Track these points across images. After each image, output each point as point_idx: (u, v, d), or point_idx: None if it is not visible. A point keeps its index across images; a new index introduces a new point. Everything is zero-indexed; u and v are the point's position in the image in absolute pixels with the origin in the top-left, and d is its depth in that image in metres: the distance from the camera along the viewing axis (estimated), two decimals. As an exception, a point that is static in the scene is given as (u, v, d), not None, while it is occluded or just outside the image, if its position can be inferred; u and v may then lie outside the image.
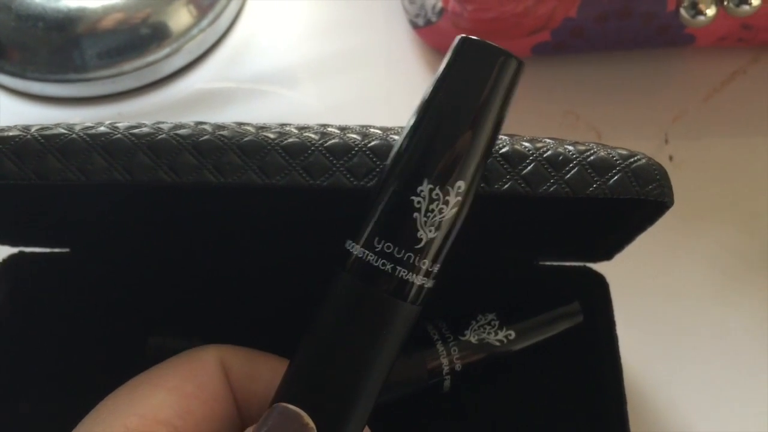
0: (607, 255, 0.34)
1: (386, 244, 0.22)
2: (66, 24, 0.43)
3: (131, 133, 0.25)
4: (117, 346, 0.34)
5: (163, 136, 0.25)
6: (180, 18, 0.45)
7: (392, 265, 0.22)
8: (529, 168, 0.25)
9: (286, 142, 0.25)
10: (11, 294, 0.35)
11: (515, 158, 0.25)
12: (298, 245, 0.33)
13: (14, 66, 0.44)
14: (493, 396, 0.35)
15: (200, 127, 0.25)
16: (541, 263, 0.36)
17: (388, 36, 0.50)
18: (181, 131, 0.25)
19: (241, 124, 0.26)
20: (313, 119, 0.44)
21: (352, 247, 0.23)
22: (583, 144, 0.26)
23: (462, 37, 0.23)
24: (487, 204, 0.26)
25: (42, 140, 0.24)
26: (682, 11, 0.37)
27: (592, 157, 0.26)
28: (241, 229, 0.33)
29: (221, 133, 0.25)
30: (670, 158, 0.44)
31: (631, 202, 0.26)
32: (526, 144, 0.26)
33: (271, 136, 0.25)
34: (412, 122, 0.23)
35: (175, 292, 0.35)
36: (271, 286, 0.35)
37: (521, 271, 0.36)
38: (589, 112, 0.45)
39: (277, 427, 0.22)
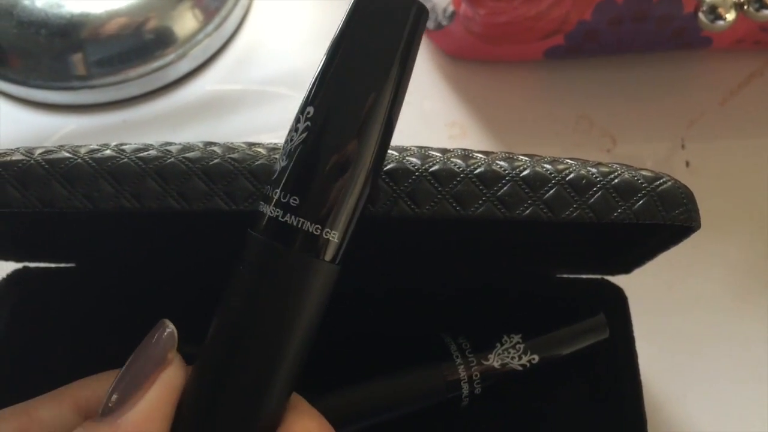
0: (626, 269, 0.33)
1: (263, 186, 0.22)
2: (69, 30, 0.42)
3: (138, 157, 0.24)
4: (122, 360, 0.33)
5: (172, 160, 0.24)
6: (185, 23, 0.44)
7: (258, 200, 0.22)
8: (551, 192, 0.25)
9: None
10: (15, 309, 0.34)
11: (536, 182, 0.25)
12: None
13: (16, 73, 0.43)
14: (509, 412, 0.34)
15: (210, 149, 0.24)
16: (557, 276, 0.36)
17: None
18: (190, 154, 0.24)
19: (251, 144, 0.25)
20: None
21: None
22: (606, 165, 0.25)
23: None
24: (507, 224, 0.25)
25: (46, 165, 0.24)
26: (701, 16, 0.36)
27: (616, 180, 0.25)
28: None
29: (231, 156, 0.24)
30: (687, 164, 0.43)
31: (656, 225, 0.25)
32: (548, 166, 0.25)
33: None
34: None
35: (182, 306, 0.34)
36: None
37: (538, 284, 0.36)
38: (603, 117, 0.44)
39: (151, 336, 0.24)
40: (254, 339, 0.22)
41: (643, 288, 0.36)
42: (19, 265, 0.35)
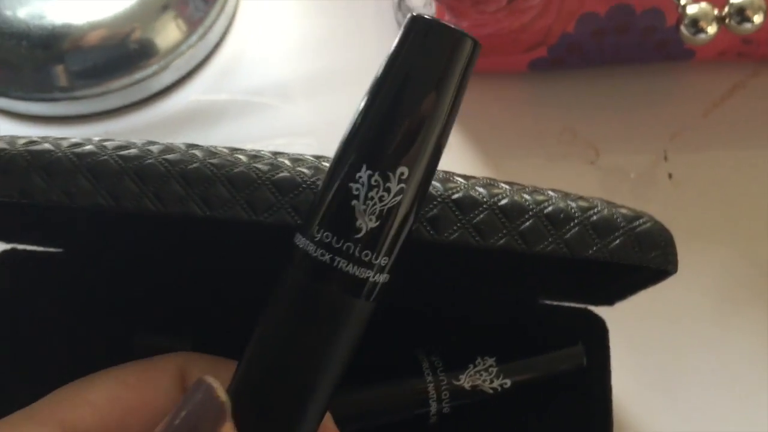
0: (608, 301, 0.33)
1: (325, 234, 0.21)
2: (51, 41, 0.42)
3: (119, 155, 0.24)
4: (108, 345, 0.33)
5: (151, 161, 0.24)
6: (168, 34, 0.44)
7: (331, 256, 0.21)
8: (527, 224, 0.25)
9: (277, 176, 0.24)
10: (2, 288, 0.35)
11: (514, 212, 0.25)
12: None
13: (-2, 85, 0.43)
14: None
15: (190, 152, 0.24)
16: (542, 302, 0.35)
17: (381, 51, 0.49)
18: (171, 156, 0.24)
19: (233, 150, 0.25)
20: (306, 136, 0.44)
21: (297, 239, 0.22)
22: (587, 200, 0.25)
23: (413, 16, 0.21)
24: (483, 251, 0.25)
25: (28, 156, 0.24)
26: (683, 29, 0.36)
27: (594, 217, 0.25)
28: (231, 236, 0.32)
29: (211, 161, 0.24)
30: (670, 176, 0.43)
31: (632, 265, 0.25)
32: (527, 197, 0.25)
33: (263, 168, 0.24)
34: (360, 106, 0.22)
35: (168, 293, 0.35)
36: (263, 292, 0.35)
37: (520, 310, 0.35)
38: (586, 128, 0.44)
39: (197, 404, 0.21)
40: (294, 375, 0.22)
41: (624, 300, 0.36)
42: (7, 246, 0.35)
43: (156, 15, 0.43)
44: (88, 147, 0.24)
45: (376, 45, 0.46)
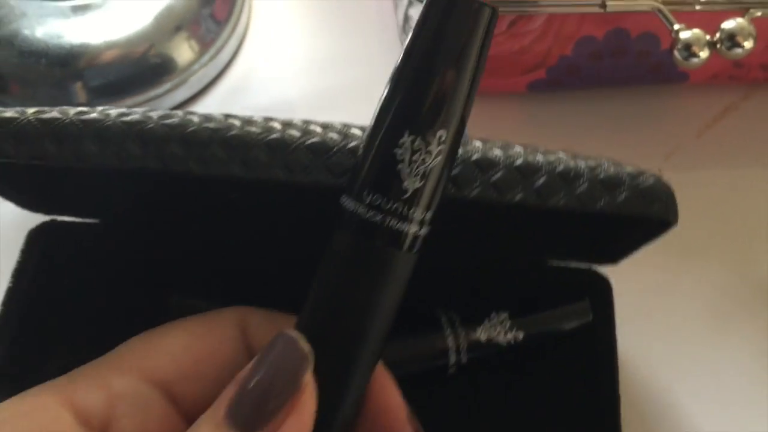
0: (613, 259, 0.35)
1: (374, 197, 0.23)
2: (69, 60, 0.43)
3: (164, 124, 0.26)
4: (145, 311, 0.33)
5: (194, 128, 0.26)
6: (181, 53, 0.46)
7: (382, 216, 0.23)
8: (541, 180, 0.26)
9: (310, 141, 0.26)
10: (42, 259, 0.36)
11: (528, 171, 0.27)
12: (321, 215, 0.34)
13: (17, 101, 0.44)
14: (491, 383, 0.36)
15: (228, 122, 0.26)
16: (549, 263, 0.37)
17: (386, 70, 0.51)
18: (211, 124, 0.26)
19: (268, 119, 0.27)
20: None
21: (345, 202, 0.24)
22: (594, 160, 0.28)
23: None
24: (499, 209, 0.27)
25: (80, 124, 0.26)
26: (676, 53, 0.37)
27: (602, 174, 0.27)
28: (266, 202, 0.33)
29: (249, 129, 0.26)
30: (665, 194, 0.44)
31: (637, 218, 0.27)
32: (540, 157, 0.27)
33: (296, 134, 0.26)
34: (392, 78, 0.23)
35: (204, 259, 0.36)
36: (299, 258, 0.36)
37: (531, 270, 0.37)
38: (584, 148, 0.44)
39: (279, 354, 0.22)
40: (354, 327, 0.24)
41: (623, 315, 0.37)
42: (47, 218, 0.37)
43: (170, 35, 0.45)
44: (135, 116, 0.26)
45: (381, 65, 0.47)
